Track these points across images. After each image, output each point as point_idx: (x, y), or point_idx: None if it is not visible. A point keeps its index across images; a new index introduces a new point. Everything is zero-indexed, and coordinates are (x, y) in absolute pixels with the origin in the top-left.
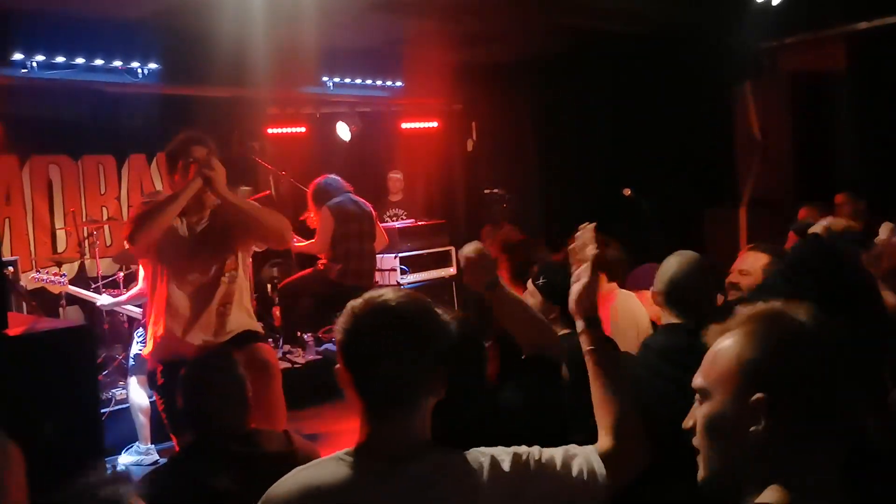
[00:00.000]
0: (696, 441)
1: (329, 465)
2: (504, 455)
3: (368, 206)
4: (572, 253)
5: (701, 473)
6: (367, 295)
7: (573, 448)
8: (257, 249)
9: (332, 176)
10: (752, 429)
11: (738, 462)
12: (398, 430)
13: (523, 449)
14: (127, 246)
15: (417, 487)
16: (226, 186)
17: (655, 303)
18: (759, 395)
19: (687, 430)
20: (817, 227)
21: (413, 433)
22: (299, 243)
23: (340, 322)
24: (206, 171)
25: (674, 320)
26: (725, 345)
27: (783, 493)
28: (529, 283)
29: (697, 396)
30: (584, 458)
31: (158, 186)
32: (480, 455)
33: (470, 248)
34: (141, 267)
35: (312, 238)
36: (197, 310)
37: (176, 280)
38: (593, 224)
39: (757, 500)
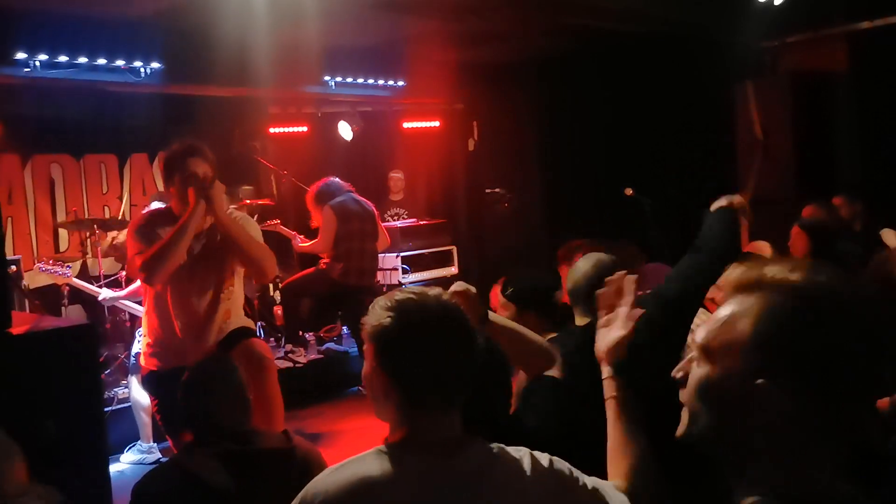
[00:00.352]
0: (685, 397)
1: (372, 459)
2: (540, 455)
3: (370, 206)
4: (602, 298)
5: (681, 429)
6: (406, 291)
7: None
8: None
9: (332, 179)
10: (755, 414)
11: (727, 433)
12: (441, 424)
13: (554, 457)
14: (143, 282)
15: (468, 480)
16: (223, 209)
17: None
18: (764, 380)
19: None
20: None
21: (454, 427)
22: (303, 244)
23: (378, 316)
24: (206, 192)
25: (583, 320)
26: (740, 309)
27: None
28: (500, 296)
29: (695, 351)
30: (613, 492)
31: (160, 186)
32: (516, 451)
33: (454, 288)
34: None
35: (316, 238)
36: (198, 327)
37: (177, 300)
38: (633, 277)
39: (746, 495)
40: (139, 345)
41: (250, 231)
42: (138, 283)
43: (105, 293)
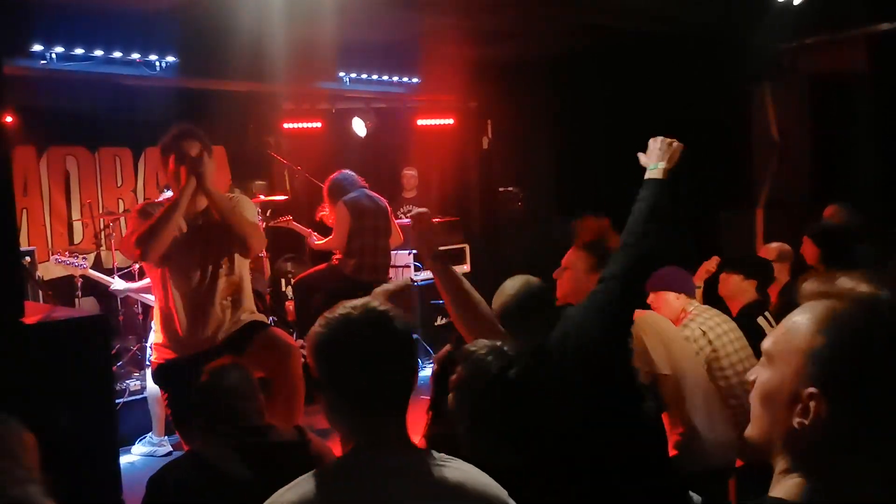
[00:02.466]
0: (751, 398)
1: (313, 479)
2: (480, 479)
3: (384, 202)
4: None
5: (747, 430)
6: (353, 302)
7: None
8: None
9: (347, 171)
10: (796, 420)
11: (777, 438)
12: (382, 431)
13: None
14: (138, 263)
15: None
16: (213, 183)
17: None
18: (813, 389)
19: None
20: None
21: (397, 433)
22: (318, 241)
23: (312, 329)
24: (197, 169)
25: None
26: (802, 319)
27: (801, 489)
28: None
29: (763, 355)
30: None
31: None
32: (457, 468)
33: (418, 210)
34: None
35: (330, 235)
36: (203, 306)
37: (178, 279)
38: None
39: (771, 494)
40: (154, 337)
41: (244, 208)
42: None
43: (117, 283)
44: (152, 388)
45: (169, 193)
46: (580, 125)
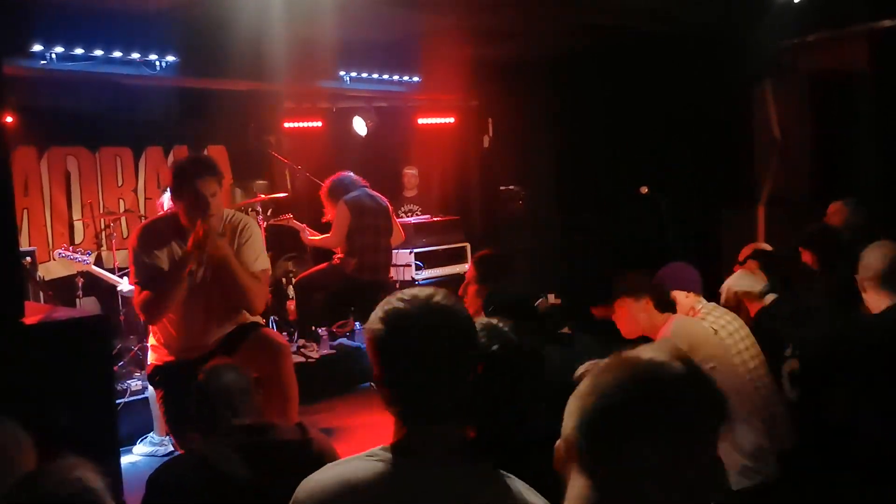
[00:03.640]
0: None
1: (364, 462)
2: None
3: (384, 201)
4: None
5: None
6: (402, 294)
7: None
8: None
9: (347, 173)
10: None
11: None
12: (432, 435)
13: None
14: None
15: (454, 493)
16: (224, 246)
17: None
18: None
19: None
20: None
21: (447, 440)
22: (312, 237)
23: (371, 323)
24: (204, 243)
25: None
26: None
27: None
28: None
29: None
30: None
31: None
32: (515, 487)
33: None
34: None
35: (327, 233)
36: (200, 320)
37: (178, 320)
38: None
39: None
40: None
41: (252, 235)
42: None
43: (124, 284)
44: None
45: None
46: (581, 124)
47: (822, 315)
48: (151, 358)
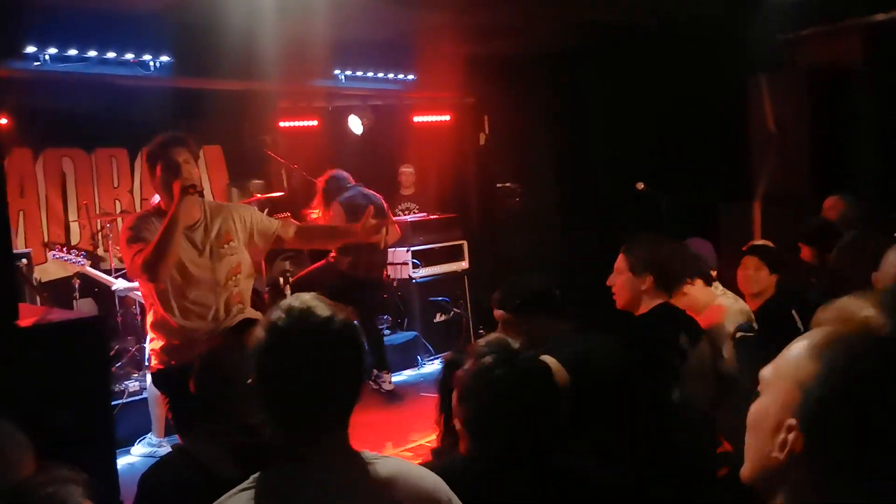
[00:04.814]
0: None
1: (250, 485)
2: (419, 473)
3: (379, 198)
4: None
5: (742, 469)
6: (287, 301)
7: None
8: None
9: (339, 171)
10: (773, 453)
11: (765, 473)
12: (315, 442)
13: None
14: (146, 282)
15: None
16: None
17: None
18: (792, 420)
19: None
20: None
21: (331, 443)
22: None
23: (262, 328)
24: (191, 186)
25: None
26: (798, 347)
27: None
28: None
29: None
30: None
31: None
32: (389, 466)
33: None
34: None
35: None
36: (201, 315)
37: (178, 295)
38: None
39: None
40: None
41: (260, 218)
42: None
43: (120, 283)
44: (153, 389)
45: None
46: (578, 120)
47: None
48: (153, 362)
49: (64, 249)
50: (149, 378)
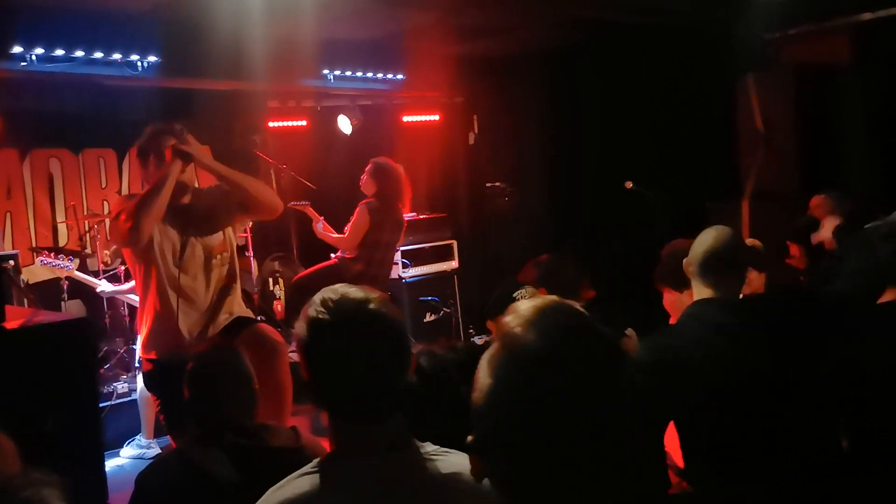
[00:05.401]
0: None
1: (304, 477)
2: None
3: (402, 216)
4: None
5: None
6: (327, 293)
7: None
8: (247, 220)
9: (385, 162)
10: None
11: None
12: (371, 434)
13: None
14: (129, 243)
15: (390, 488)
16: (210, 158)
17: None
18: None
19: None
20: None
21: (387, 436)
22: (324, 231)
23: (298, 326)
24: (184, 149)
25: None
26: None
27: None
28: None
29: None
30: None
31: None
32: (451, 460)
33: None
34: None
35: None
36: (193, 298)
37: (167, 273)
38: None
39: None
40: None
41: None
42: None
43: (104, 285)
44: (142, 390)
45: None
46: (567, 119)
47: None
48: (143, 354)
49: (52, 255)
50: (139, 379)
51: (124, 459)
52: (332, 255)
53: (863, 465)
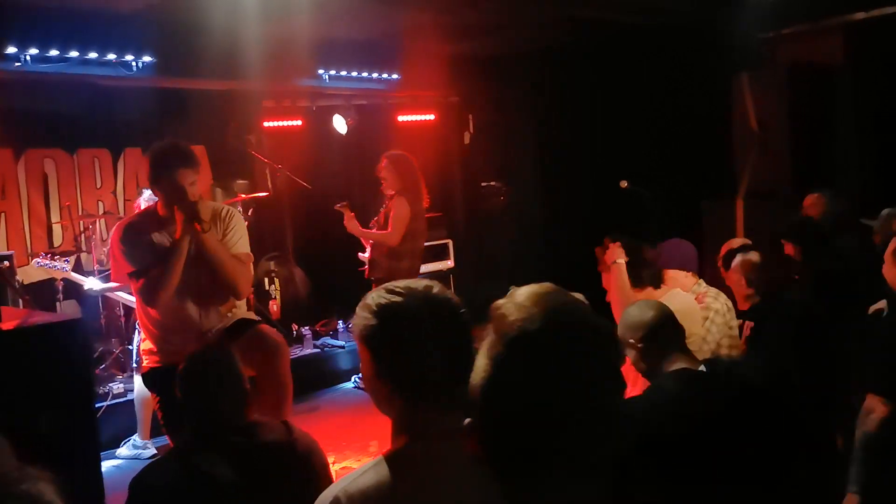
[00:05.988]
0: None
1: (388, 465)
2: None
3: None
4: None
5: None
6: (389, 286)
7: None
8: None
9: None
10: None
11: None
12: (443, 421)
13: None
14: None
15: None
16: (211, 234)
17: None
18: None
19: None
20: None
21: (458, 422)
22: (373, 231)
23: (362, 318)
24: (195, 216)
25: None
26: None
27: None
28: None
29: None
30: None
31: None
32: None
33: None
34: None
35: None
36: (191, 317)
37: (173, 300)
38: None
39: None
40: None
41: (237, 226)
42: None
43: (91, 283)
44: (139, 390)
45: (147, 193)
46: (562, 118)
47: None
48: (145, 361)
49: (48, 256)
50: (136, 379)
51: (120, 460)
52: (363, 256)
53: None
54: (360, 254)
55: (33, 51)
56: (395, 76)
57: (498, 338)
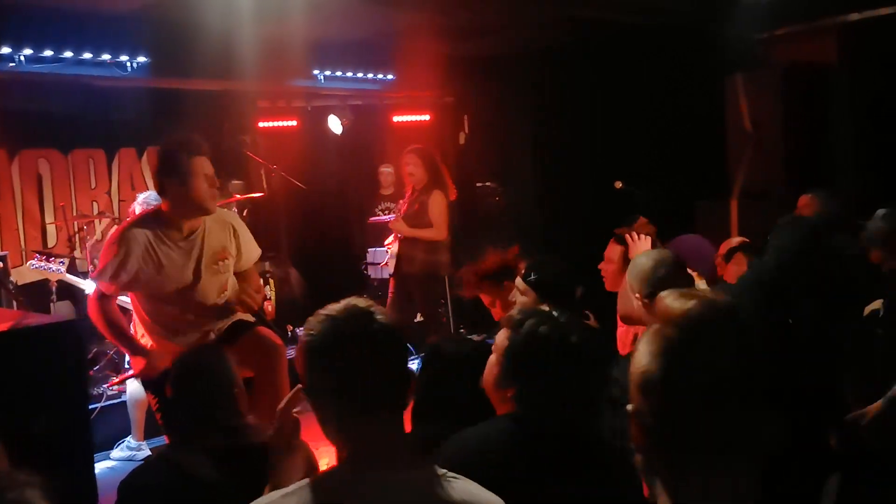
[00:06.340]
0: None
1: (318, 485)
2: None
3: None
4: None
5: None
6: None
7: None
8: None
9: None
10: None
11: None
12: (382, 433)
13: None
14: None
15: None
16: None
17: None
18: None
19: None
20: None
21: (397, 438)
22: (421, 230)
23: (301, 338)
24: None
25: None
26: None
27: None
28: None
29: None
30: None
31: (149, 181)
32: (455, 485)
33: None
34: None
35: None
36: (189, 323)
37: (162, 313)
38: None
39: None
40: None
41: (248, 239)
42: None
43: (88, 285)
44: (132, 391)
45: (143, 197)
46: (557, 118)
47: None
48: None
49: (43, 258)
50: (129, 381)
51: (114, 462)
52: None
53: None
54: (385, 243)
55: (28, 51)
56: (390, 77)
57: (671, 327)
